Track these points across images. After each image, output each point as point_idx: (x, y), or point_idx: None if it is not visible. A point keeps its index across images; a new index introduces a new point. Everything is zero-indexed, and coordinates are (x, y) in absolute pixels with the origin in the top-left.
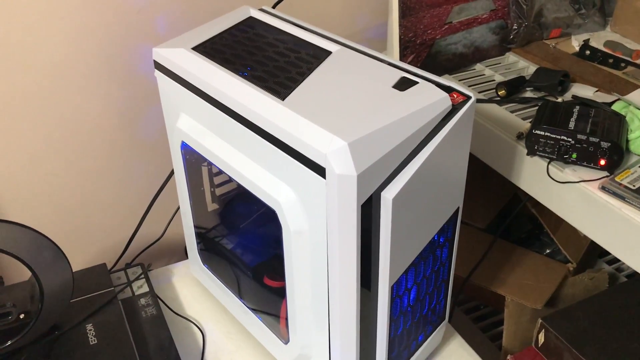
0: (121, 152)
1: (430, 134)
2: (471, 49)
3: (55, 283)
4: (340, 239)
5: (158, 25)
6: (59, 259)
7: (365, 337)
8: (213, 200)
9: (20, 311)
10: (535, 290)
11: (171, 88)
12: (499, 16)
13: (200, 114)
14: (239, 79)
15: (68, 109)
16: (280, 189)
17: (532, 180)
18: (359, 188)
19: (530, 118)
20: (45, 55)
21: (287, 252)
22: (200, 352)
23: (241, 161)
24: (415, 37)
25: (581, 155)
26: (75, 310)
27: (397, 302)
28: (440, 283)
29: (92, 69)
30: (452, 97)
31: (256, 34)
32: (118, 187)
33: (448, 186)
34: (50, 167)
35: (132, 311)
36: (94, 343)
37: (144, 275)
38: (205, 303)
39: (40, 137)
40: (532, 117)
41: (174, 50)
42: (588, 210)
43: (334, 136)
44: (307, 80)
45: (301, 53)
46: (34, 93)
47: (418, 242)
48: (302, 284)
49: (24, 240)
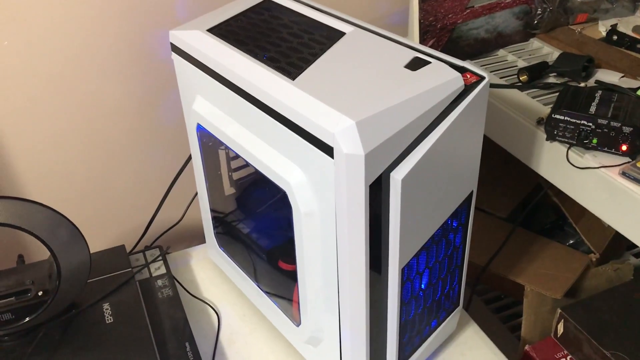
0: (141, 136)
1: (441, 114)
2: (494, 34)
3: (73, 262)
4: (349, 220)
5: (177, 10)
6: (76, 239)
7: (376, 320)
8: (230, 184)
9: (38, 289)
10: (555, 279)
11: (187, 70)
12: (522, 1)
13: (215, 95)
14: (251, 59)
15: (89, 92)
16: (290, 170)
17: (552, 166)
18: (366, 168)
19: (552, 104)
20: (67, 38)
21: (298, 234)
22: (215, 334)
23: (253, 142)
24: (436, 21)
25: (602, 141)
26: (93, 290)
27: (407, 285)
28: (454, 268)
29: (112, 54)
30: (465, 78)
31: (272, 16)
32: (138, 170)
33: (460, 169)
34: (72, 149)
35: (149, 292)
36: (110, 322)
37: (161, 257)
38: (221, 286)
39: (63, 119)
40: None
41: (189, 32)
42: (608, 196)
43: (342, 115)
44: (319, 60)
45: (315, 34)
46: (56, 76)
47: (429, 225)
48: (313, 267)
49: (43, 220)
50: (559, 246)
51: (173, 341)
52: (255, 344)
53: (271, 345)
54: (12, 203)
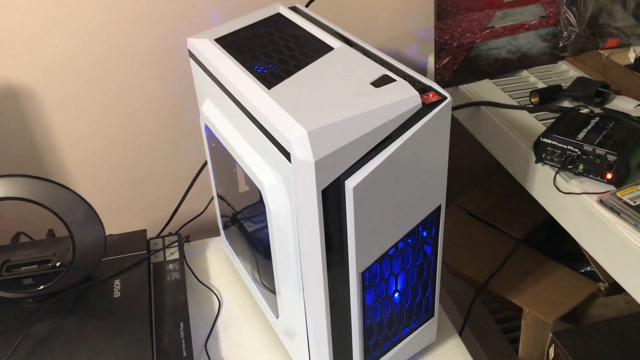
0: (171, 132)
1: (399, 129)
2: (516, 54)
3: (87, 240)
4: (306, 221)
5: (212, 18)
6: (92, 219)
7: (340, 319)
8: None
9: (57, 260)
10: (553, 303)
11: (198, 74)
12: (550, 23)
13: (215, 98)
14: (241, 68)
15: (128, 89)
16: (265, 172)
17: (541, 188)
18: (317, 174)
19: None
20: (110, 40)
21: (270, 232)
22: (213, 318)
23: (241, 144)
24: (452, 39)
25: (588, 168)
26: (109, 266)
27: (371, 290)
28: (425, 279)
29: (150, 56)
30: (426, 97)
31: (276, 29)
32: (166, 164)
33: (423, 183)
34: (108, 141)
35: (159, 274)
36: (117, 296)
37: (177, 244)
38: (229, 276)
39: (102, 112)
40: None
41: (200, 40)
42: (585, 223)
43: (297, 124)
44: (298, 73)
45: (306, 48)
46: (98, 73)
47: (390, 234)
48: (283, 263)
49: (64, 199)
50: (567, 271)
51: (170, 320)
52: (248, 331)
53: (261, 335)
54: (38, 182)
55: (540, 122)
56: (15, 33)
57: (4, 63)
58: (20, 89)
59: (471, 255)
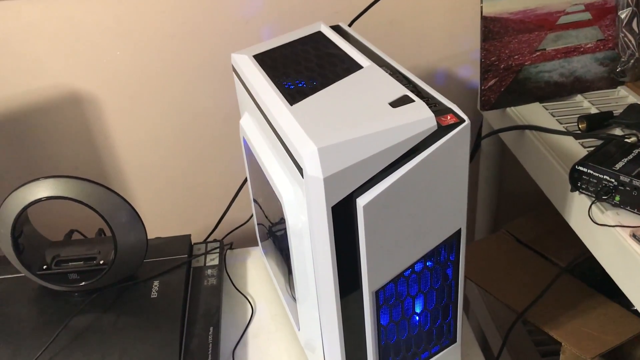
0: (222, 143)
1: (413, 149)
2: (570, 78)
3: (129, 241)
4: (317, 236)
5: (263, 35)
6: (135, 221)
7: (353, 337)
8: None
9: (102, 259)
10: (594, 340)
11: (239, 88)
12: (608, 46)
13: (252, 113)
14: (270, 83)
15: (182, 100)
16: (286, 187)
17: (577, 218)
18: (327, 190)
19: None
20: (168, 53)
21: (290, 246)
22: (245, 325)
23: (269, 158)
24: (499, 61)
25: (624, 199)
26: (152, 268)
27: (385, 309)
28: (446, 304)
29: (204, 69)
30: (444, 119)
31: (312, 47)
32: (217, 174)
33: (440, 206)
34: (164, 149)
35: (197, 278)
36: (154, 297)
37: (218, 250)
38: (266, 285)
39: (159, 124)
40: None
41: (240, 56)
42: (618, 257)
43: (309, 140)
44: (323, 91)
45: (337, 67)
46: (155, 84)
47: (405, 254)
48: (301, 278)
49: (109, 201)
50: (614, 306)
51: (201, 323)
52: (276, 342)
53: (288, 347)
54: (86, 184)
55: (585, 149)
56: (81, 45)
57: (71, 72)
58: (85, 96)
59: (513, 282)
